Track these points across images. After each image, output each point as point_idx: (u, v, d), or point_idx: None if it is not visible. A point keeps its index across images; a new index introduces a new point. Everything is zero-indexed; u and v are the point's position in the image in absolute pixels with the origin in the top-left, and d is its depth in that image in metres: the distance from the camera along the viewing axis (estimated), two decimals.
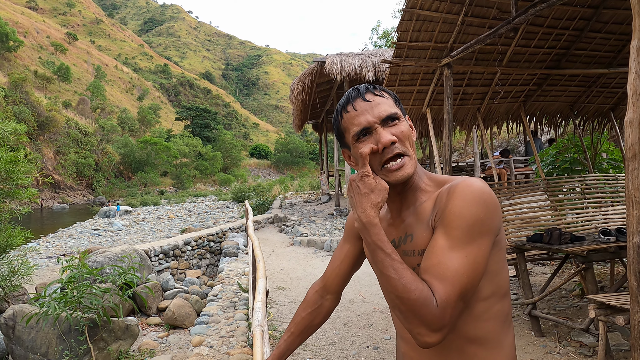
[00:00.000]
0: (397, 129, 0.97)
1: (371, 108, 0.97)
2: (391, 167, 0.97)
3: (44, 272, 8.94)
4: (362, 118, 0.97)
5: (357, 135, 0.98)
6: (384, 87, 1.03)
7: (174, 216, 19.80)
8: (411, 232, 1.00)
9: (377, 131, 0.96)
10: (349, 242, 1.24)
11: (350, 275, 1.27)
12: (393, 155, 0.96)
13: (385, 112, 0.96)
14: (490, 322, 0.95)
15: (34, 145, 32.38)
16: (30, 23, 72.44)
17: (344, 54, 10.33)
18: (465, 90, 5.44)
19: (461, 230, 0.87)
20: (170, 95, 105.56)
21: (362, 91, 1.00)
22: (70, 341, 3.91)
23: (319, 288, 1.29)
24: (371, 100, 0.98)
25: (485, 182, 0.95)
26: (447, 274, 0.84)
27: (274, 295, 5.48)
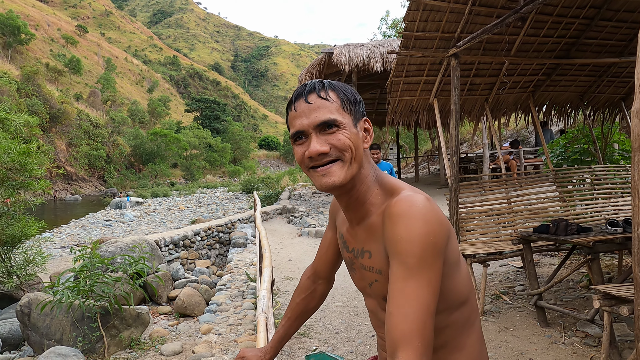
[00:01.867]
0: (335, 137, 0.91)
1: (309, 112, 0.92)
2: (316, 171, 0.93)
3: (57, 261, 9.14)
4: (298, 121, 0.93)
5: (293, 137, 0.95)
6: (338, 87, 0.97)
7: (184, 207, 20.01)
8: (368, 248, 0.98)
9: (310, 138, 0.92)
10: (331, 229, 1.25)
11: (339, 260, 1.29)
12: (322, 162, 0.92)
13: (320, 119, 0.91)
14: (447, 329, 0.96)
15: (46, 137, 32.84)
16: (41, 16, 73.01)
17: (352, 45, 10.28)
18: (473, 80, 5.40)
19: (416, 257, 0.82)
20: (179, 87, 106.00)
21: (307, 91, 0.94)
22: (84, 328, 4.02)
23: (310, 274, 1.33)
24: (312, 102, 0.92)
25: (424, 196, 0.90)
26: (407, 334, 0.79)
27: (281, 285, 5.55)
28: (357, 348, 3.60)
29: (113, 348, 4.07)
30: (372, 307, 1.06)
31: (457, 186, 4.41)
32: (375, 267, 0.96)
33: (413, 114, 5.82)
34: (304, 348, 3.59)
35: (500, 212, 4.81)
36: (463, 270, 0.98)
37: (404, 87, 5.31)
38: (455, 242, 0.95)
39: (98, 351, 3.98)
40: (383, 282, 0.94)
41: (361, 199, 0.98)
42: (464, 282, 0.98)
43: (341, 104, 0.94)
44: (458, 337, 0.98)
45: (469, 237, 4.56)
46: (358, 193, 0.97)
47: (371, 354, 3.47)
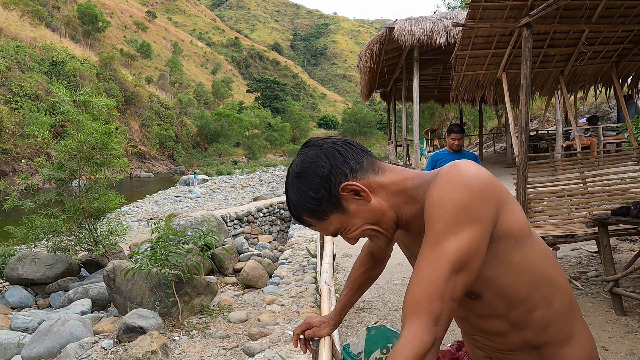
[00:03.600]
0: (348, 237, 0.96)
1: (317, 229, 0.98)
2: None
3: (135, 233, 9.95)
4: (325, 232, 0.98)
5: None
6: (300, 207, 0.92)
7: (247, 185, 20.79)
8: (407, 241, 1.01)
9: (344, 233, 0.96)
10: None
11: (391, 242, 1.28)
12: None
13: (329, 234, 0.96)
14: (553, 323, 0.91)
15: (122, 118, 35.33)
16: (115, 4, 77.65)
17: (414, 19, 9.91)
18: (546, 52, 5.02)
19: (443, 221, 0.78)
20: (241, 68, 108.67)
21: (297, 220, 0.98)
22: (160, 294, 4.39)
23: (368, 251, 1.36)
24: (310, 226, 0.97)
25: (477, 164, 0.84)
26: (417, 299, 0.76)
27: (340, 262, 5.66)
28: None
29: (186, 313, 4.42)
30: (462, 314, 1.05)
31: (526, 165, 4.19)
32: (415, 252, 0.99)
33: (479, 89, 5.56)
34: (363, 322, 3.67)
35: (574, 193, 4.51)
36: (538, 248, 0.90)
37: (469, 62, 5.07)
38: (516, 214, 0.86)
39: (173, 315, 4.35)
40: None
41: (414, 216, 0.91)
42: (548, 263, 0.90)
43: (318, 218, 0.92)
44: (565, 328, 0.91)
45: (537, 219, 4.34)
46: (406, 216, 0.92)
47: None
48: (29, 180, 10.09)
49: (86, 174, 6.54)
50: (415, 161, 10.36)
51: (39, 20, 40.77)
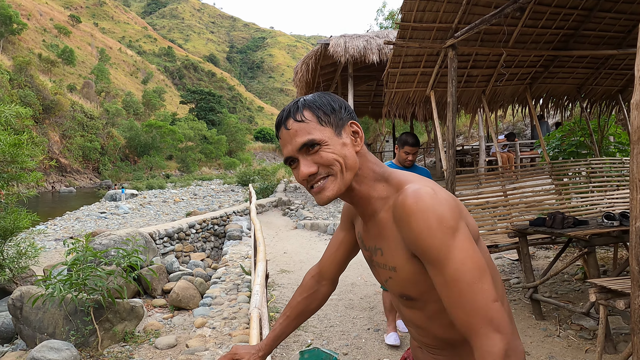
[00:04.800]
0: (318, 156, 0.93)
1: (290, 138, 0.95)
2: (313, 190, 0.97)
3: (52, 254, 9.07)
4: (284, 149, 0.97)
5: (286, 162, 0.99)
6: (312, 104, 0.97)
7: (180, 199, 19.94)
8: (379, 245, 1.00)
9: (299, 162, 0.96)
10: (344, 229, 1.24)
11: (346, 262, 1.27)
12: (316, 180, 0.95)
13: (300, 142, 0.93)
14: None
15: (40, 129, 32.52)
16: (33, 5, 71.93)
17: (348, 36, 10.18)
18: (470, 72, 5.35)
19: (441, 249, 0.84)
20: (174, 79, 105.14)
21: (284, 117, 0.97)
22: (77, 322, 3.98)
23: (315, 273, 1.29)
24: (290, 128, 0.95)
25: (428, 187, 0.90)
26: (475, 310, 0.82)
27: (276, 278, 5.53)
28: (352, 341, 3.58)
29: (107, 342, 4.04)
30: (395, 303, 1.10)
31: (454, 179, 4.38)
32: (389, 264, 0.98)
33: (409, 105, 5.77)
34: (299, 342, 3.57)
35: (496, 205, 4.80)
36: (482, 246, 0.99)
37: (400, 79, 5.25)
38: (470, 218, 0.96)
39: (91, 345, 3.95)
40: (397, 280, 0.97)
41: (365, 197, 0.99)
42: (492, 264, 0.99)
43: (318, 120, 0.95)
44: None
45: None
46: (360, 193, 0.99)
47: (366, 347, 3.46)
48: None
49: None
50: None
51: None
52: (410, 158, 3.36)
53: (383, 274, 1.02)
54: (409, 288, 0.97)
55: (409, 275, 0.94)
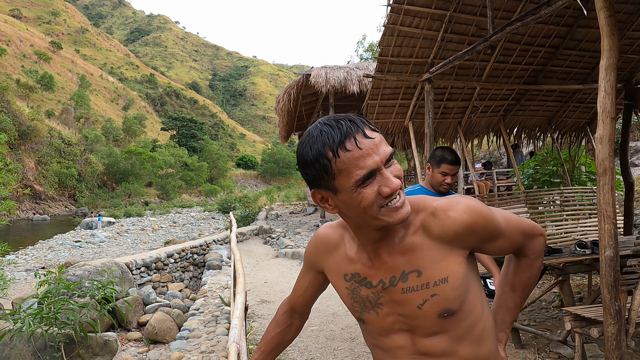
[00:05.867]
0: (396, 167, 0.87)
1: (376, 147, 0.84)
2: (394, 205, 0.86)
3: (22, 285, 8.73)
4: (370, 160, 0.83)
5: (363, 179, 0.84)
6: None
7: (158, 227, 19.56)
8: (413, 268, 0.94)
9: (383, 174, 0.85)
10: (310, 273, 1.21)
11: (314, 298, 1.29)
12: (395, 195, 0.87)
13: (387, 152, 0.85)
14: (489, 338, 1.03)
15: (14, 155, 31.75)
16: (13, 31, 71.49)
17: (329, 67, 10.44)
18: (446, 104, 5.54)
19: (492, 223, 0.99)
20: (156, 105, 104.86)
21: (360, 125, 0.85)
22: (46, 358, 3.81)
23: (287, 309, 1.30)
24: (373, 137, 0.85)
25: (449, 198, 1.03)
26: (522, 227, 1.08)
27: (257, 309, 5.43)
28: None
29: None
30: (403, 343, 1.00)
31: None
32: (434, 280, 0.94)
33: (389, 135, 5.90)
34: None
35: None
36: None
37: (379, 110, 5.39)
38: None
39: None
40: (446, 292, 0.94)
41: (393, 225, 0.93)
42: None
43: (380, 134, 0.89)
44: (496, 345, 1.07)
45: None
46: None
47: None
48: None
49: None
50: None
51: None
52: (448, 181, 2.51)
53: (417, 297, 0.95)
54: (455, 299, 0.94)
55: (460, 281, 0.95)
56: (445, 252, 0.94)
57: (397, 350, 1.01)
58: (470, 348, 0.98)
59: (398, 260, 0.96)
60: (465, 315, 0.97)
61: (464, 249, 0.96)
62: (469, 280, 0.97)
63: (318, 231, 1.13)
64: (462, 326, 0.97)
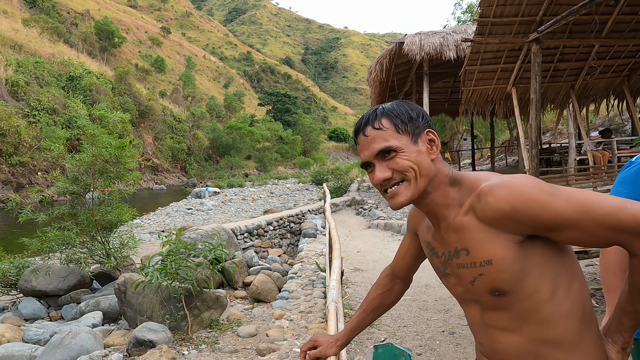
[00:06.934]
0: (393, 162, 1.00)
1: (367, 144, 1.02)
2: (387, 194, 1.03)
3: (146, 246, 10.03)
4: (362, 154, 1.04)
5: (363, 166, 1.06)
6: (390, 112, 1.03)
7: (258, 197, 20.87)
8: (463, 246, 0.99)
9: (374, 167, 1.03)
10: (410, 236, 1.29)
11: (415, 265, 1.32)
12: (390, 185, 1.02)
13: (376, 149, 1.00)
14: (562, 323, 0.94)
15: (136, 132, 35.92)
16: (131, 20, 79.54)
17: (424, 33, 9.98)
18: (557, 66, 5.02)
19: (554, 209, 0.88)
20: (253, 82, 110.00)
21: (363, 125, 1.04)
22: (170, 307, 4.41)
23: (388, 273, 1.37)
24: (368, 135, 1.02)
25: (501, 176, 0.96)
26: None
27: (350, 276, 5.64)
28: (426, 342, 3.57)
29: (195, 327, 4.43)
30: (474, 311, 1.07)
31: None
32: (480, 260, 0.96)
33: (489, 103, 5.56)
34: (372, 339, 3.64)
35: None
36: (570, 251, 0.99)
37: (479, 76, 5.08)
38: None
39: (183, 329, 4.35)
40: (492, 273, 0.95)
41: (439, 203, 1.03)
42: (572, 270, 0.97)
43: (395, 128, 1.01)
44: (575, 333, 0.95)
45: None
46: (435, 199, 1.03)
47: (441, 349, 3.44)
48: (43, 193, 10.29)
49: (99, 187, 6.64)
50: None
51: (57, 37, 41.93)
52: None
53: (469, 274, 1.00)
54: (504, 280, 0.95)
55: (507, 265, 0.93)
56: (490, 234, 0.94)
57: (471, 318, 1.09)
58: (536, 329, 0.96)
59: (451, 237, 1.02)
60: (524, 297, 0.95)
61: (513, 234, 0.93)
62: (525, 264, 0.93)
63: None
64: (523, 306, 0.96)
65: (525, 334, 0.97)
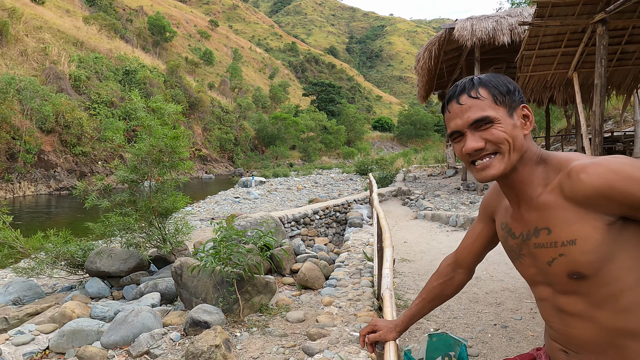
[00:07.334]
0: (489, 132, 0.97)
1: (462, 112, 1.00)
2: (477, 167, 1.01)
3: (197, 232, 10.45)
4: (453, 122, 1.02)
5: (451, 135, 1.04)
6: (488, 82, 0.99)
7: (302, 187, 21.11)
8: (544, 226, 0.97)
9: (466, 136, 1.00)
10: (483, 222, 1.26)
11: (484, 253, 1.30)
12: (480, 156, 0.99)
13: (472, 118, 0.98)
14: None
15: (186, 123, 37.30)
16: (181, 14, 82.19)
17: (475, 18, 9.59)
18: (624, 49, 4.68)
19: None
20: (297, 72, 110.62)
21: (458, 93, 1.01)
22: (223, 291, 4.60)
23: (451, 262, 1.35)
24: (464, 103, 0.99)
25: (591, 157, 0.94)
26: None
27: (397, 266, 5.61)
28: (477, 335, 3.51)
29: (247, 310, 4.59)
30: (546, 295, 1.04)
31: None
32: (562, 240, 0.94)
33: (547, 90, 5.29)
34: (421, 329, 3.63)
35: None
36: None
37: (536, 61, 4.84)
38: None
39: (234, 312, 4.53)
40: (574, 254, 0.93)
41: (525, 180, 1.01)
42: None
43: (493, 99, 0.99)
44: None
45: None
46: (522, 176, 1.01)
47: (493, 343, 3.37)
48: (105, 181, 10.97)
49: (155, 176, 6.99)
50: None
51: (114, 33, 44.13)
52: None
53: (547, 254, 0.97)
54: (586, 263, 0.91)
55: (592, 246, 0.90)
56: (578, 214, 0.91)
57: (542, 301, 1.06)
58: (612, 317, 0.92)
59: (532, 215, 1.00)
60: (604, 282, 0.91)
61: (605, 214, 0.89)
62: (611, 248, 0.89)
63: None
64: (601, 292, 0.92)
65: (601, 323, 0.93)
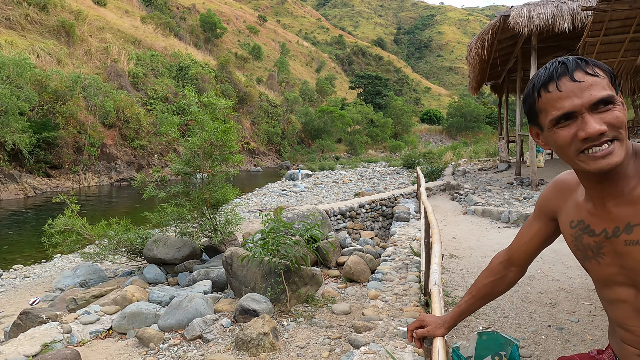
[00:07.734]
0: (611, 114, 0.86)
1: (580, 90, 0.86)
2: (595, 154, 0.87)
3: (246, 223, 10.76)
4: (568, 102, 0.87)
5: (557, 119, 0.89)
6: (598, 62, 0.88)
7: (348, 180, 21.10)
8: (636, 222, 0.89)
9: (584, 118, 0.87)
10: (541, 221, 1.20)
11: (538, 251, 1.24)
12: (600, 142, 0.87)
13: (596, 97, 0.85)
14: None
15: (236, 117, 38.32)
16: (231, 11, 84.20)
17: (533, 4, 9.09)
18: None
19: None
20: (344, 65, 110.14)
21: (571, 68, 0.88)
22: (271, 281, 4.73)
23: (503, 259, 1.30)
24: (581, 80, 0.86)
25: None
26: None
27: (445, 263, 5.50)
28: (529, 335, 3.39)
29: (293, 301, 4.70)
30: (626, 296, 0.97)
31: None
32: None
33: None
34: (470, 327, 3.55)
35: None
36: None
37: (601, 49, 4.54)
38: None
39: (282, 301, 4.65)
40: None
41: (621, 173, 0.93)
42: None
43: (609, 78, 0.89)
44: None
45: None
46: (622, 168, 0.92)
47: (547, 344, 3.23)
48: (161, 173, 11.54)
49: (207, 169, 7.27)
50: (531, 159, 9.54)
51: (169, 31, 46.07)
52: None
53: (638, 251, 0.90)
54: None
55: None
56: None
57: (620, 303, 0.98)
58: None
59: (624, 210, 0.91)
60: None
61: None
62: None
63: (558, 176, 1.14)
64: None
65: None
